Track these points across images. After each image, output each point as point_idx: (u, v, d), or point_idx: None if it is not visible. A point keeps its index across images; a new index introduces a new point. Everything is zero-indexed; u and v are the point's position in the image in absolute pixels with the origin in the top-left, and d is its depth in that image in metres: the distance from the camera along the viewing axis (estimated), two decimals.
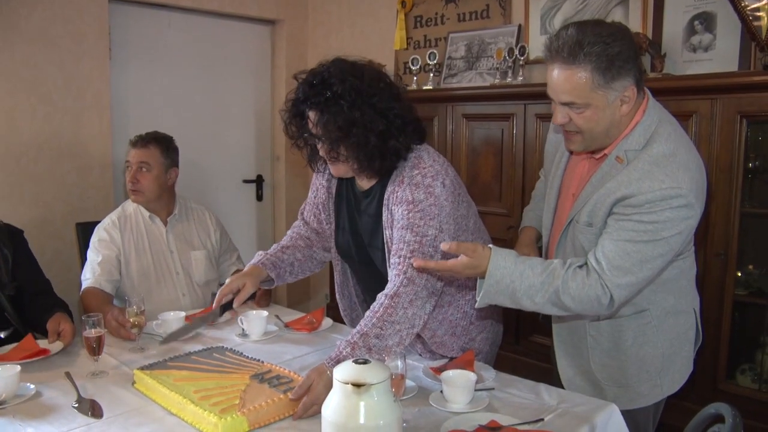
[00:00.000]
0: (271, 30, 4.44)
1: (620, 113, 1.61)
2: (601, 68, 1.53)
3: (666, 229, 1.56)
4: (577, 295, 1.58)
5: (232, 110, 4.28)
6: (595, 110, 1.59)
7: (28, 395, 1.71)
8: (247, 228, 4.46)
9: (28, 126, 3.26)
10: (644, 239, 1.56)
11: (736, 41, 2.68)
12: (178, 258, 2.69)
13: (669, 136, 1.62)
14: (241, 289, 1.97)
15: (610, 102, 1.58)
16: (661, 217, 1.55)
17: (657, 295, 1.75)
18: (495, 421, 1.51)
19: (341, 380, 1.29)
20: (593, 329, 1.82)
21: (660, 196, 1.55)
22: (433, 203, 1.75)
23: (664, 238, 1.56)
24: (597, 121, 1.60)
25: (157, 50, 3.87)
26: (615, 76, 1.55)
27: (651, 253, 1.57)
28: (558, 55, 1.57)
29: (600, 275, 1.58)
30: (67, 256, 3.33)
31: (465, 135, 3.38)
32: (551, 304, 1.60)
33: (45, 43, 3.27)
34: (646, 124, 1.64)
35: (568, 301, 1.58)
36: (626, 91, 1.58)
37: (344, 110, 1.72)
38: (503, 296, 1.60)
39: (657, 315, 1.76)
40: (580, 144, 1.68)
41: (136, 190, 2.62)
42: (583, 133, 1.64)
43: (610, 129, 1.63)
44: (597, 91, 1.56)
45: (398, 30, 3.98)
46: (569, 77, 1.56)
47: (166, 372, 1.77)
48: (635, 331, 1.77)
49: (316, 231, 2.16)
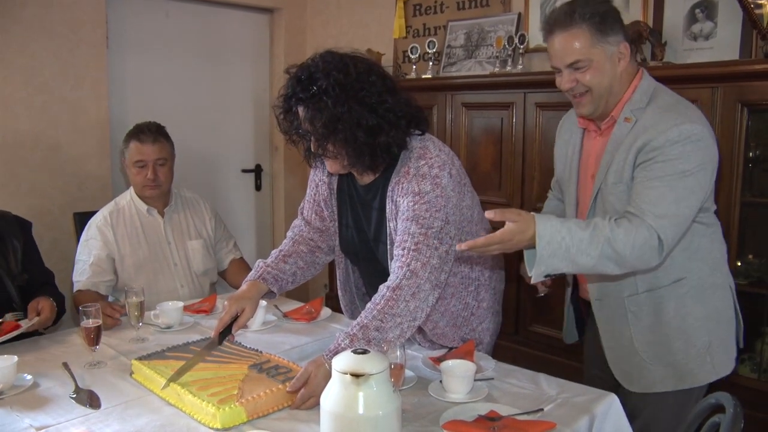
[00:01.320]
0: (270, 18, 4.41)
1: (619, 69, 1.75)
2: (596, 24, 1.69)
3: (690, 162, 1.62)
4: (628, 242, 1.57)
5: (230, 100, 4.26)
6: (597, 65, 1.72)
7: (25, 386, 1.70)
8: (245, 218, 4.45)
9: (25, 115, 3.24)
10: (672, 174, 1.62)
11: (737, 29, 2.66)
12: (176, 249, 2.68)
13: (667, 93, 1.78)
14: (239, 314, 1.89)
15: (609, 56, 1.72)
16: (684, 150, 1.62)
17: (692, 263, 1.77)
18: (494, 411, 1.51)
19: (340, 370, 1.29)
20: (633, 304, 1.82)
21: (677, 133, 1.63)
22: (439, 194, 1.73)
23: (692, 173, 1.62)
24: (601, 76, 1.73)
25: (154, 39, 3.84)
26: (608, 30, 1.70)
27: (682, 189, 1.62)
28: (556, 24, 1.73)
29: (643, 219, 1.60)
30: (65, 245, 3.32)
31: (464, 124, 3.37)
32: (606, 258, 1.58)
33: (41, 32, 3.25)
34: (644, 86, 1.77)
35: (621, 248, 1.57)
36: (621, 46, 1.73)
37: (328, 106, 1.68)
38: (558, 258, 1.56)
39: (694, 285, 1.78)
40: (589, 104, 1.78)
41: (155, 185, 2.61)
42: (591, 91, 1.75)
43: (612, 84, 1.75)
44: (596, 46, 1.70)
45: (397, 18, 3.95)
46: (570, 38, 1.71)
47: (164, 362, 1.76)
48: (675, 302, 1.78)
49: (318, 230, 2.10)
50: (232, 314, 1.87)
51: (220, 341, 1.85)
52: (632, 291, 1.81)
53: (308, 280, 2.18)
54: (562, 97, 2.98)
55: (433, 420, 1.52)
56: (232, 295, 1.93)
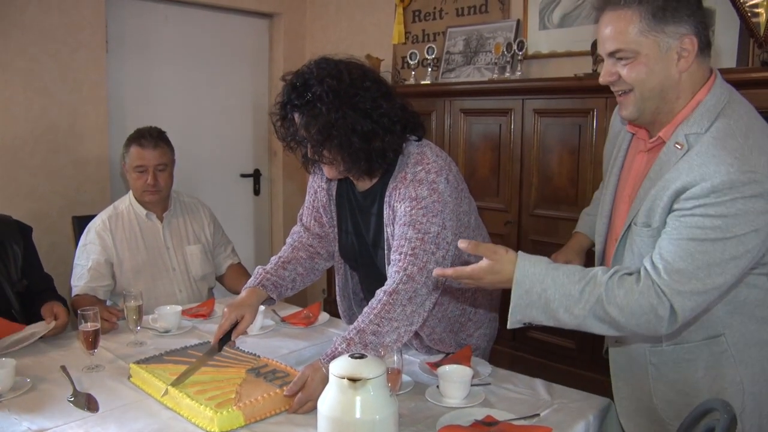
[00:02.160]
0: (269, 23, 4.43)
1: (678, 69, 1.38)
2: (651, 7, 1.35)
3: (738, 225, 1.29)
4: (626, 305, 1.33)
5: (229, 104, 4.27)
6: (645, 59, 1.38)
7: (23, 389, 1.70)
8: (244, 222, 4.46)
9: (24, 118, 3.25)
10: (711, 237, 1.30)
11: (734, 37, 2.67)
12: (174, 254, 2.68)
13: (740, 117, 1.38)
14: (239, 321, 1.88)
15: (664, 51, 1.37)
16: (732, 209, 1.29)
17: (734, 317, 1.46)
18: (491, 416, 1.51)
19: (337, 375, 1.29)
20: (655, 356, 1.53)
21: (729, 182, 1.29)
22: (436, 200, 1.73)
23: (736, 236, 1.29)
24: (648, 74, 1.39)
25: (154, 43, 3.85)
26: (669, 19, 1.35)
27: (720, 254, 1.30)
28: (605, 2, 1.41)
29: (655, 281, 1.33)
30: (63, 249, 3.32)
31: (463, 130, 3.38)
32: (595, 318, 1.36)
33: (41, 35, 3.25)
34: (710, 104, 1.40)
35: (614, 312, 1.34)
36: (684, 41, 1.36)
37: (323, 113, 1.69)
38: (536, 309, 1.39)
39: (734, 343, 1.46)
40: (632, 106, 1.44)
41: (155, 191, 2.61)
42: (634, 91, 1.42)
43: (665, 88, 1.40)
44: (647, 36, 1.36)
45: (396, 24, 3.96)
46: (614, 20, 1.39)
47: (162, 366, 1.77)
48: (707, 361, 1.47)
49: (318, 236, 2.10)
50: (232, 321, 1.86)
51: (219, 348, 1.85)
52: (656, 340, 1.52)
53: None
54: (560, 104, 3.02)
55: (429, 425, 1.53)
56: (232, 303, 1.92)
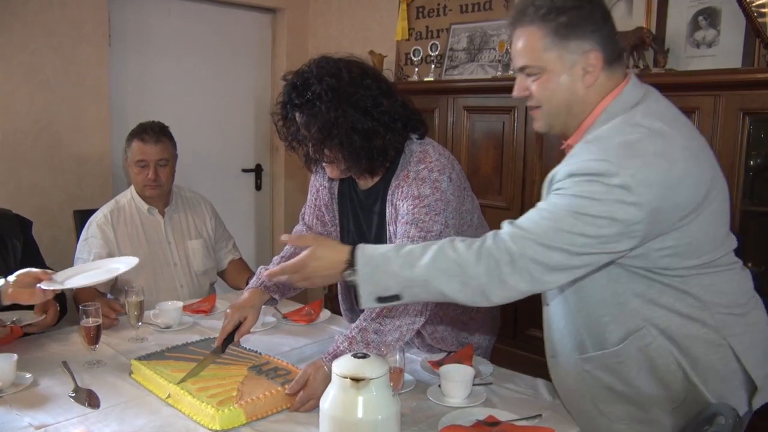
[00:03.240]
0: (272, 18, 4.41)
1: (584, 84, 1.41)
2: (553, 25, 1.38)
3: (592, 206, 1.28)
4: (471, 246, 1.33)
5: (231, 99, 4.25)
6: (550, 76, 1.41)
7: (24, 384, 1.70)
8: (245, 218, 4.45)
9: (26, 112, 3.24)
10: (563, 209, 1.30)
11: (740, 37, 2.66)
12: (176, 249, 2.68)
13: (635, 122, 1.35)
14: (242, 322, 1.87)
15: (568, 67, 1.40)
16: (585, 190, 1.29)
17: (653, 310, 1.42)
18: (493, 416, 1.51)
19: (340, 374, 1.29)
20: (587, 363, 1.50)
21: (584, 168, 1.31)
22: (439, 198, 1.73)
23: (589, 215, 1.28)
24: (554, 90, 1.42)
25: (156, 38, 3.84)
26: (570, 35, 1.38)
27: (570, 226, 1.29)
28: (514, 19, 1.45)
29: (500, 234, 1.34)
30: (64, 243, 3.31)
31: (466, 127, 3.36)
32: (439, 271, 1.34)
33: (43, 29, 3.24)
34: (613, 110, 1.40)
35: (461, 250, 1.33)
36: (588, 56, 1.39)
37: (322, 111, 1.69)
38: (381, 273, 1.36)
39: (660, 333, 1.42)
40: (542, 120, 1.49)
41: (156, 186, 2.61)
42: (542, 106, 1.45)
43: (571, 104, 1.43)
44: (551, 52, 1.39)
45: (400, 20, 3.94)
46: (522, 36, 1.42)
47: (164, 362, 1.77)
48: (637, 358, 1.44)
49: (320, 235, 2.08)
50: (235, 323, 1.86)
51: (223, 349, 1.84)
52: (582, 350, 1.50)
53: None
54: None
55: (431, 424, 1.52)
56: (234, 304, 1.92)
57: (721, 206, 1.42)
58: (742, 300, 1.48)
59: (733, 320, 1.44)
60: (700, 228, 1.37)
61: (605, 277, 1.44)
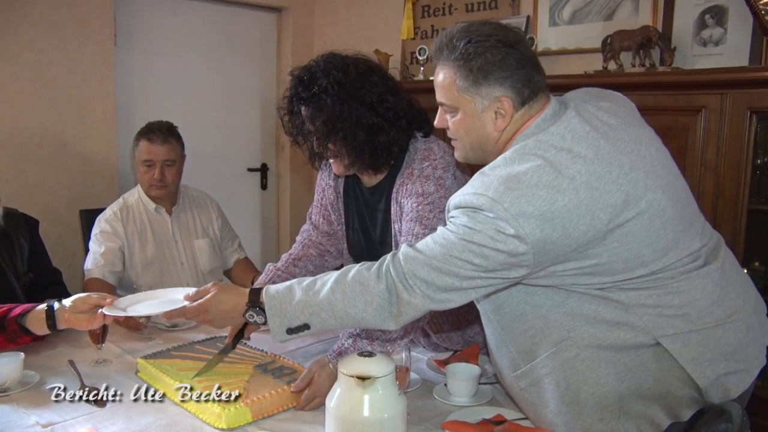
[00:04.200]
0: (277, 18, 4.42)
1: (495, 128, 1.42)
2: (464, 69, 1.39)
3: (478, 236, 1.28)
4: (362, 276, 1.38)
5: (237, 98, 4.26)
6: (464, 117, 1.44)
7: (31, 383, 1.70)
8: (251, 217, 4.45)
9: (33, 111, 3.25)
10: (452, 237, 1.32)
11: (747, 36, 2.65)
12: (183, 248, 2.68)
13: (527, 154, 1.33)
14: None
15: (480, 111, 1.41)
16: (472, 221, 1.30)
17: (575, 320, 1.39)
18: (501, 415, 1.51)
19: (346, 373, 1.29)
20: (521, 380, 1.46)
21: (467, 201, 1.32)
22: (443, 195, 1.72)
23: (476, 244, 1.29)
24: (466, 130, 1.45)
25: (162, 37, 3.84)
26: (481, 81, 1.39)
27: (459, 252, 1.30)
28: (433, 53, 1.49)
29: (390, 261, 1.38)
30: (70, 242, 3.32)
31: None
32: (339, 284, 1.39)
33: (49, 28, 3.25)
34: (515, 147, 1.38)
35: (359, 269, 1.39)
36: (500, 102, 1.40)
37: (328, 104, 1.69)
38: (286, 304, 1.42)
39: (586, 345, 1.38)
40: (460, 152, 1.54)
41: (162, 186, 2.61)
42: (459, 141, 1.50)
43: (483, 143, 1.46)
44: (463, 95, 1.41)
45: (405, 19, 3.94)
46: (440, 73, 1.45)
47: (170, 361, 1.77)
48: (564, 370, 1.40)
49: (327, 233, 2.10)
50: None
51: (233, 346, 1.85)
52: (515, 367, 1.46)
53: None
54: None
55: (437, 423, 1.52)
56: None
57: (650, 224, 1.33)
58: (694, 306, 1.39)
59: (665, 321, 1.37)
60: (609, 251, 1.32)
61: (522, 291, 1.42)
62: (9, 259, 2.18)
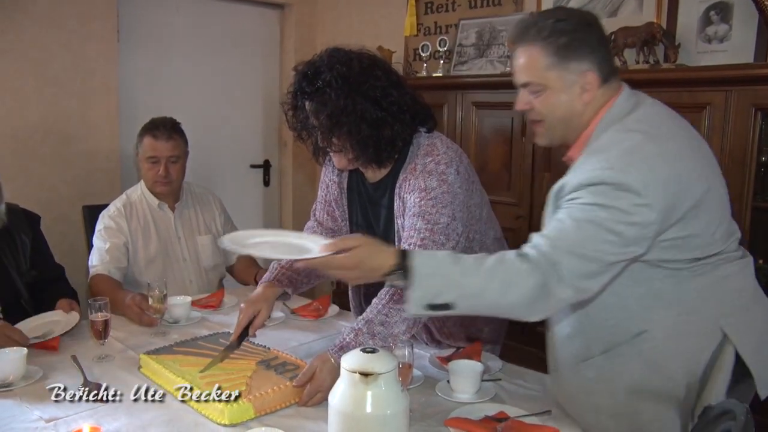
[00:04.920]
0: (280, 14, 4.41)
1: (581, 102, 1.49)
2: (554, 46, 1.46)
3: (611, 213, 1.32)
4: (522, 259, 1.34)
5: (240, 95, 4.26)
6: (552, 93, 1.49)
7: (35, 378, 1.71)
8: (253, 213, 4.45)
9: (36, 107, 3.25)
10: (587, 219, 1.34)
11: (752, 32, 2.64)
12: (186, 244, 2.68)
13: (628, 130, 1.43)
14: (256, 315, 1.89)
15: (568, 86, 1.48)
16: (602, 197, 1.33)
17: (654, 312, 1.46)
18: (503, 412, 1.50)
19: (349, 369, 1.29)
20: (589, 370, 1.51)
21: (594, 178, 1.35)
22: (446, 191, 1.72)
23: (610, 221, 1.32)
24: (555, 106, 1.50)
25: (165, 33, 3.84)
26: (570, 56, 1.46)
27: (594, 233, 1.33)
28: (516, 37, 1.53)
29: (538, 252, 1.35)
30: (73, 239, 3.32)
31: (474, 123, 3.35)
32: (494, 278, 1.33)
33: (52, 24, 3.25)
34: (606, 120, 1.48)
35: (512, 258, 1.35)
36: (586, 76, 1.47)
37: (332, 99, 1.69)
38: (439, 278, 1.33)
39: (662, 337, 1.45)
40: (543, 135, 1.57)
41: (167, 182, 2.61)
42: (544, 121, 1.54)
43: (570, 118, 1.51)
44: (551, 71, 1.47)
45: (408, 16, 3.93)
46: (524, 54, 1.50)
47: (172, 357, 1.77)
48: (639, 362, 1.47)
49: (331, 230, 2.10)
50: (249, 317, 1.87)
51: (238, 344, 1.85)
52: (586, 355, 1.52)
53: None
54: None
55: (440, 420, 1.52)
56: (248, 298, 1.93)
57: (719, 204, 1.47)
58: (744, 294, 1.52)
59: (734, 312, 1.47)
60: (699, 223, 1.41)
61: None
62: (11, 257, 2.18)
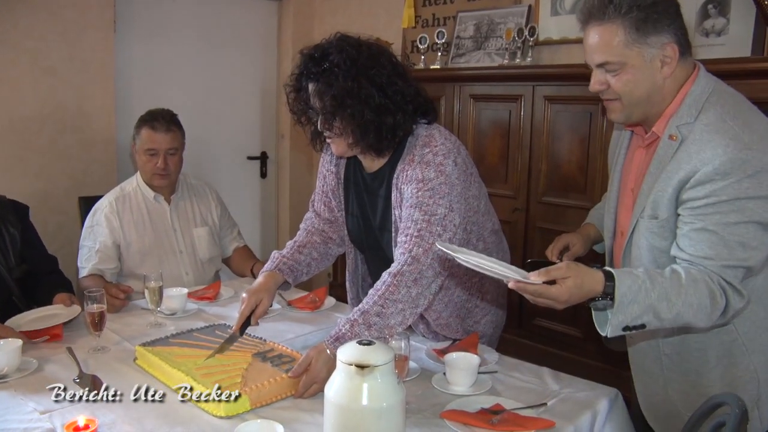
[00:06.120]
0: (278, 6, 4.39)
1: (662, 75, 1.47)
2: (633, 21, 1.42)
3: (751, 200, 1.35)
4: (703, 287, 1.38)
5: (237, 86, 4.24)
6: (632, 70, 1.45)
7: (30, 369, 1.71)
8: (250, 205, 4.45)
9: (32, 98, 3.24)
10: (733, 221, 1.37)
11: (749, 26, 2.63)
12: (182, 236, 2.68)
13: (725, 102, 1.45)
14: (258, 305, 1.89)
15: (648, 60, 1.45)
16: (741, 188, 1.35)
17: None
18: (499, 405, 1.51)
19: (345, 361, 1.29)
20: (668, 347, 1.59)
21: (729, 162, 1.36)
22: (443, 182, 1.72)
23: (755, 214, 1.36)
24: (636, 83, 1.47)
25: (162, 24, 3.83)
26: (650, 30, 1.42)
27: (748, 235, 1.37)
28: (589, 14, 1.48)
29: (702, 268, 1.39)
30: (69, 229, 3.32)
31: (472, 116, 3.35)
32: (688, 296, 1.37)
33: (48, 15, 3.23)
34: (695, 94, 1.47)
35: (698, 277, 1.38)
36: (666, 49, 1.44)
37: (339, 80, 1.69)
38: (638, 305, 1.36)
39: (745, 331, 1.52)
40: (620, 112, 1.53)
41: (165, 174, 2.60)
42: (621, 99, 1.50)
43: (651, 94, 1.48)
44: (632, 48, 1.43)
45: (406, 8, 3.92)
46: (600, 34, 1.46)
47: (168, 349, 1.76)
48: (718, 351, 1.54)
49: (328, 221, 2.10)
50: (251, 306, 1.88)
51: (241, 333, 1.85)
52: (668, 332, 1.57)
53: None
54: (570, 91, 2.98)
55: (436, 412, 1.52)
56: (249, 288, 1.94)
57: None
58: None
59: None
60: None
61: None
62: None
